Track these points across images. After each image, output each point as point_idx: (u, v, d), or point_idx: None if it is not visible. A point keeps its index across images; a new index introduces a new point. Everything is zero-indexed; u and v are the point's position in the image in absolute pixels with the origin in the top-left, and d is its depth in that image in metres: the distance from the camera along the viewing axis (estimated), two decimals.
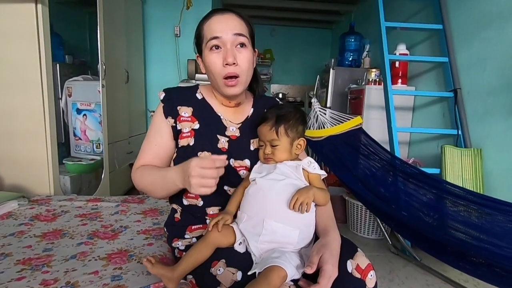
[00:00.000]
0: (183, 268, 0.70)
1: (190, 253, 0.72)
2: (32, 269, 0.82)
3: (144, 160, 0.83)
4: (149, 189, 0.81)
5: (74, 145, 2.27)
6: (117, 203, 1.37)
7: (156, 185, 0.79)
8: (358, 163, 1.60)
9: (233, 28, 0.77)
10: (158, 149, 0.84)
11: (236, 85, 0.78)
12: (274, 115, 0.78)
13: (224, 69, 0.77)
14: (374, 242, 2.01)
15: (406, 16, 2.48)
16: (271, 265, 0.62)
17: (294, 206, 0.68)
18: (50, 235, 1.03)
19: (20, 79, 1.54)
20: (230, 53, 0.75)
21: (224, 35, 0.76)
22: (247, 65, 0.79)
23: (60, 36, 2.40)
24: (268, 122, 0.77)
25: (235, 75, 0.77)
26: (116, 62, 2.36)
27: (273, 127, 0.76)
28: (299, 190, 0.71)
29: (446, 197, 1.26)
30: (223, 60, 0.76)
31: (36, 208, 1.27)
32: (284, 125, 0.76)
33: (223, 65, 0.76)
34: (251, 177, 0.77)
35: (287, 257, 0.65)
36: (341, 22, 4.18)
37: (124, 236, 1.04)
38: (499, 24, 1.63)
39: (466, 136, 1.78)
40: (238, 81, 0.78)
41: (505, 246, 0.95)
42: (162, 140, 0.83)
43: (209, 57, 0.78)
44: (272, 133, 0.76)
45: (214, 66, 0.77)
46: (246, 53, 0.78)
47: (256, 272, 0.65)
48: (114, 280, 0.76)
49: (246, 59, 0.78)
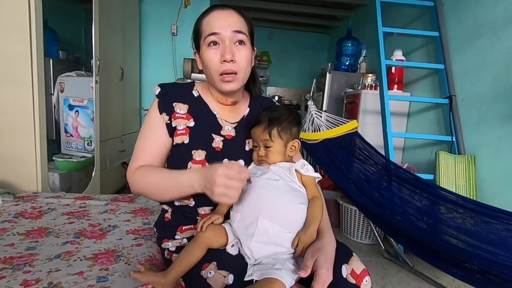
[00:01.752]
0: (175, 271, 0.68)
1: (182, 256, 0.69)
2: (13, 268, 0.78)
3: (142, 160, 0.78)
4: (154, 191, 0.76)
5: (65, 141, 2.21)
6: (106, 201, 1.33)
7: (165, 187, 0.74)
8: (353, 167, 1.60)
9: (232, 25, 0.75)
10: (157, 147, 0.79)
11: (233, 81, 0.76)
12: (267, 117, 0.77)
13: (222, 66, 0.75)
14: (367, 247, 2.00)
15: (403, 23, 2.50)
16: (271, 277, 0.60)
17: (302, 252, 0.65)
18: (34, 233, 0.99)
19: (10, 73, 1.49)
20: (228, 49, 0.74)
21: (223, 32, 0.74)
22: (245, 63, 0.77)
23: (55, 32, 2.36)
24: (261, 124, 0.76)
25: (233, 71, 0.75)
26: (111, 58, 2.32)
27: (266, 130, 0.75)
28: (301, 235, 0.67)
29: (440, 203, 1.25)
30: (220, 56, 0.74)
31: (21, 205, 1.23)
32: (277, 127, 0.75)
33: (220, 61, 0.74)
34: None
35: (287, 268, 0.63)
36: (338, 27, 4.21)
37: (112, 236, 1.01)
38: (494, 33, 1.64)
39: (460, 143, 1.79)
40: (235, 78, 0.76)
41: (500, 253, 0.94)
42: (161, 137, 0.80)
43: (207, 53, 0.76)
44: (265, 135, 0.75)
45: (212, 62, 0.75)
46: (244, 51, 0.76)
47: (253, 279, 0.63)
48: (99, 282, 0.73)
49: (244, 57, 0.76)
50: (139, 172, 0.77)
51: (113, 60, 2.38)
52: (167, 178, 0.74)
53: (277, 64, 4.65)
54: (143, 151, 0.79)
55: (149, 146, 0.79)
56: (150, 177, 0.75)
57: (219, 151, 0.80)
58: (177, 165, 0.78)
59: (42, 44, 1.52)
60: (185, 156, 0.78)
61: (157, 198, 0.80)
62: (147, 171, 0.76)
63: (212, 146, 0.80)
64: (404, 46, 2.30)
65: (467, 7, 1.84)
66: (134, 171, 0.78)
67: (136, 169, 0.78)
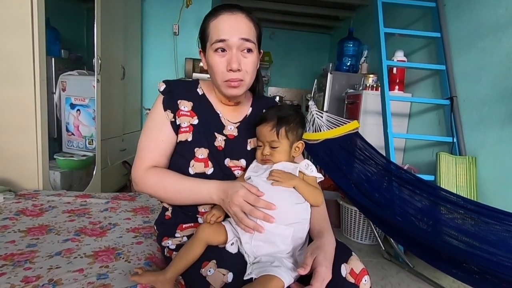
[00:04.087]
0: (174, 268, 0.68)
1: (181, 253, 0.70)
2: (14, 265, 0.78)
3: (151, 159, 0.78)
4: (166, 196, 0.77)
5: (66, 140, 2.22)
6: (107, 199, 1.33)
7: (180, 194, 0.75)
8: (354, 167, 1.60)
9: (241, 32, 0.73)
10: (164, 145, 0.79)
11: (239, 87, 0.76)
12: (275, 116, 0.76)
13: (227, 74, 0.74)
14: (367, 247, 1.99)
15: (404, 23, 2.50)
16: (269, 274, 0.60)
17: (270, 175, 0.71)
18: (35, 230, 1.00)
19: (12, 71, 1.50)
20: (235, 58, 0.73)
21: (230, 39, 0.72)
22: (251, 70, 0.76)
23: (57, 31, 2.36)
24: (268, 123, 0.75)
25: (239, 79, 0.75)
26: (113, 58, 2.33)
27: (274, 128, 0.75)
28: (285, 172, 0.72)
29: (441, 203, 1.25)
30: (227, 64, 0.73)
31: (23, 203, 1.23)
32: (285, 127, 0.75)
33: (226, 69, 0.74)
34: (247, 175, 0.76)
35: (285, 266, 0.63)
36: (340, 28, 4.21)
37: (113, 234, 1.01)
38: (496, 34, 1.64)
39: (461, 144, 1.78)
40: (241, 84, 0.76)
41: (500, 254, 0.94)
42: (168, 135, 0.79)
43: (213, 58, 0.75)
44: (272, 134, 0.75)
45: (217, 69, 0.75)
46: (251, 58, 0.76)
47: (252, 277, 0.63)
48: (99, 279, 0.74)
49: (251, 64, 0.76)
50: (152, 173, 0.76)
51: (115, 59, 2.39)
52: (184, 186, 0.74)
53: (278, 64, 4.64)
54: (151, 150, 0.79)
55: (156, 144, 0.79)
56: (165, 182, 0.75)
57: (221, 150, 0.80)
58: (180, 162, 0.79)
59: (44, 43, 1.52)
60: (187, 153, 0.78)
61: (166, 201, 0.81)
62: (162, 176, 0.76)
63: (215, 144, 0.80)
64: (406, 47, 2.30)
65: (469, 8, 1.84)
66: (145, 170, 0.77)
67: (147, 169, 0.77)
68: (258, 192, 0.67)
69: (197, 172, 0.77)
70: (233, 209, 0.67)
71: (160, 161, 0.79)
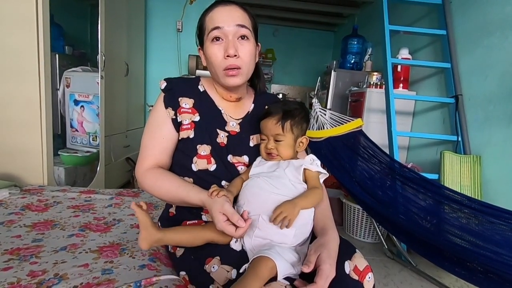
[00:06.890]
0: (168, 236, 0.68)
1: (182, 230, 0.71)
2: (20, 259, 0.79)
3: (152, 157, 0.79)
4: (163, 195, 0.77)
5: (70, 136, 2.23)
6: (111, 195, 1.34)
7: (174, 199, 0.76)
8: (357, 166, 1.59)
9: (236, 19, 0.75)
10: (165, 143, 0.80)
11: (237, 75, 0.76)
12: (280, 110, 0.76)
13: (225, 61, 0.75)
14: (370, 245, 1.99)
15: (409, 21, 2.47)
16: (259, 256, 0.60)
17: (276, 220, 0.64)
18: (40, 225, 1.01)
19: (16, 67, 1.50)
20: (231, 44, 0.73)
21: (226, 26, 0.74)
22: (248, 58, 0.77)
23: (61, 27, 2.37)
24: (274, 116, 0.76)
25: (236, 67, 0.75)
26: (116, 54, 2.33)
27: (279, 122, 0.75)
28: (284, 203, 0.66)
29: (445, 202, 1.25)
30: (224, 51, 0.74)
31: (28, 198, 1.24)
32: (290, 120, 0.75)
33: (224, 57, 0.74)
34: (251, 172, 0.76)
35: (277, 250, 0.63)
36: (344, 25, 4.18)
37: (117, 230, 1.02)
38: (503, 32, 1.62)
39: (465, 142, 1.77)
40: (239, 72, 0.76)
41: (505, 253, 0.94)
42: (169, 132, 0.80)
43: (210, 48, 0.76)
44: (277, 127, 0.75)
45: (215, 58, 0.75)
46: (248, 46, 0.76)
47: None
48: (104, 274, 0.74)
49: (248, 52, 0.76)
50: (150, 174, 0.77)
51: (119, 56, 2.39)
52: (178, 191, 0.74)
53: (281, 61, 4.62)
54: (152, 148, 0.79)
55: (157, 142, 0.80)
56: (160, 182, 0.76)
57: (224, 146, 0.80)
58: (182, 159, 0.79)
59: (49, 39, 1.53)
60: (190, 150, 0.78)
61: (165, 200, 0.82)
62: (157, 179, 0.76)
63: (217, 141, 0.80)
64: (411, 45, 2.28)
65: (475, 5, 1.82)
66: (145, 171, 0.78)
67: (147, 170, 0.78)
68: (238, 222, 0.64)
69: (200, 169, 0.77)
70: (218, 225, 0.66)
71: (162, 159, 0.80)
